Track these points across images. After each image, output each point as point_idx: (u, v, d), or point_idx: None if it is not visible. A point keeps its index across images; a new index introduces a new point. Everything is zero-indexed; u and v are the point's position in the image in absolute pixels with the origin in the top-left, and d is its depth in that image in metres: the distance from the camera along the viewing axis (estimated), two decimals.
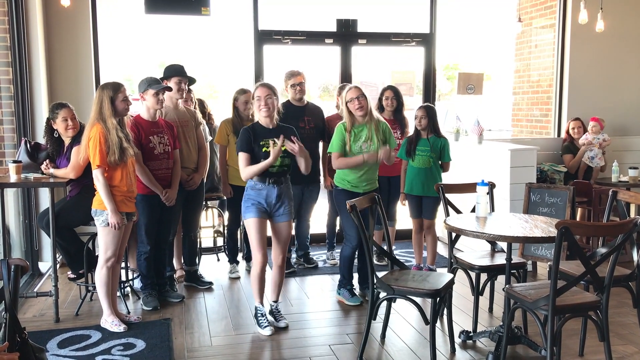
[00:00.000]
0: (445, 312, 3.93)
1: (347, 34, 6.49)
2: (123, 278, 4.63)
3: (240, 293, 4.97)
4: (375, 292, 3.57)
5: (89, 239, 4.46)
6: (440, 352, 3.74)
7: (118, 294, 4.44)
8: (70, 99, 4.88)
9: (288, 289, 5.05)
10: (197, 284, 5.07)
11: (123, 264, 4.57)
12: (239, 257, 5.62)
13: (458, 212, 4.30)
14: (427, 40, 6.64)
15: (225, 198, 5.42)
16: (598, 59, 6.73)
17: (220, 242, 6.00)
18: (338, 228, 6.16)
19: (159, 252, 4.61)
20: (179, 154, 4.58)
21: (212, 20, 6.13)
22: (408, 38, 6.60)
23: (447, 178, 5.21)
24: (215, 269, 5.63)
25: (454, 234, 4.05)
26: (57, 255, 4.34)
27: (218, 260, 5.90)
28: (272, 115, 4.05)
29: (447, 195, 4.32)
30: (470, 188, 4.20)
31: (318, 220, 6.05)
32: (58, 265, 4.57)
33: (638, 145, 6.71)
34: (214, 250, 6.04)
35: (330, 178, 5.20)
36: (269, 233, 4.13)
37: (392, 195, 5.46)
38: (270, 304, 4.26)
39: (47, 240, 5.18)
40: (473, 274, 4.02)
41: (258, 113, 4.07)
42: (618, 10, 6.59)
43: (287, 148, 3.95)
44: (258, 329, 4.07)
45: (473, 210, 4.04)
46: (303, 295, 4.90)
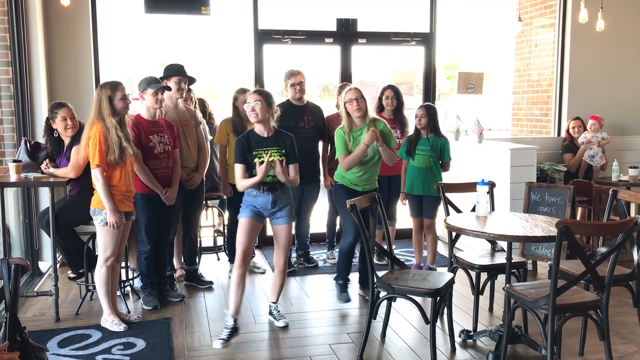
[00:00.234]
0: (446, 311, 3.93)
1: (347, 34, 6.49)
2: (123, 277, 4.64)
3: None
4: (376, 291, 3.57)
5: (89, 239, 4.46)
6: (441, 351, 3.74)
7: (118, 294, 4.43)
8: (70, 99, 4.88)
9: (288, 289, 5.04)
10: (197, 284, 5.08)
11: (123, 264, 4.57)
12: None
13: (458, 211, 4.30)
14: (427, 40, 6.64)
15: (225, 197, 5.42)
16: (598, 58, 6.73)
17: (221, 241, 6.00)
18: (338, 227, 6.17)
19: (159, 251, 4.61)
20: (179, 154, 4.58)
21: (212, 20, 6.13)
22: (408, 37, 6.60)
23: (447, 177, 5.20)
24: (216, 269, 5.63)
25: (454, 233, 4.05)
26: (57, 255, 4.34)
27: (218, 260, 5.91)
28: (262, 122, 3.94)
29: (447, 195, 4.32)
30: (471, 187, 4.21)
31: (318, 220, 6.05)
32: (58, 265, 4.56)
33: (638, 145, 6.71)
34: (214, 250, 6.04)
35: (330, 177, 5.21)
36: (270, 232, 4.11)
37: (392, 195, 5.46)
38: (270, 305, 4.26)
39: (47, 240, 5.18)
40: (473, 273, 4.02)
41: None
42: (618, 10, 6.59)
43: (274, 170, 3.88)
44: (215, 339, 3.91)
45: (473, 210, 4.04)
46: (303, 295, 4.90)
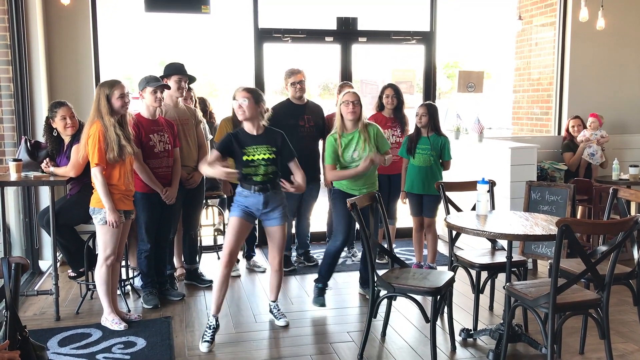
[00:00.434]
0: (446, 310, 3.93)
1: (347, 32, 6.48)
2: (123, 276, 4.64)
3: (241, 291, 4.97)
4: (376, 290, 3.58)
5: (89, 237, 4.46)
6: (441, 350, 3.74)
7: (118, 292, 4.43)
8: (70, 98, 4.88)
9: (288, 287, 5.05)
10: (197, 282, 5.08)
11: (123, 262, 4.58)
12: (240, 255, 5.62)
13: (458, 210, 4.30)
14: (427, 39, 6.63)
15: (226, 196, 5.42)
16: (599, 57, 6.73)
17: (221, 240, 5.98)
18: None
19: (160, 250, 4.61)
20: (179, 152, 4.58)
21: (212, 19, 6.13)
22: (408, 36, 6.60)
23: (447, 176, 5.20)
24: (216, 268, 5.60)
25: (455, 232, 4.05)
26: (57, 254, 4.34)
27: (218, 259, 5.88)
28: (251, 120, 3.87)
29: (447, 194, 4.32)
30: (471, 186, 4.21)
31: (318, 219, 6.05)
32: (58, 264, 4.56)
33: (638, 143, 6.70)
34: (215, 249, 6.04)
35: None
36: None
37: (392, 194, 5.46)
38: (269, 304, 4.26)
39: (47, 239, 5.18)
40: (473, 272, 4.02)
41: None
42: (618, 8, 6.59)
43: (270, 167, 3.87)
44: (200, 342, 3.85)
45: (473, 209, 4.04)
46: (303, 294, 4.90)
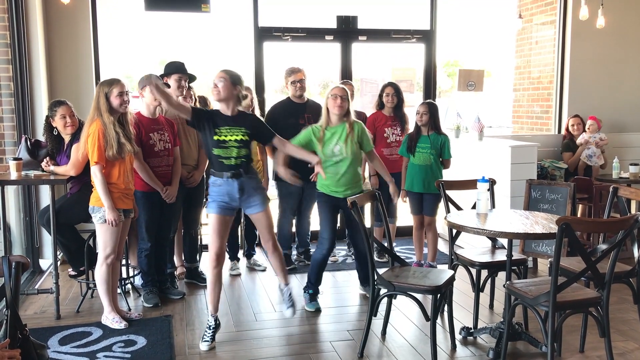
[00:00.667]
0: (446, 308, 3.93)
1: (347, 31, 6.48)
2: (124, 275, 4.64)
3: (241, 290, 4.97)
4: (376, 288, 3.58)
5: (90, 236, 4.46)
6: (441, 348, 3.74)
7: (119, 291, 4.43)
8: (70, 97, 4.88)
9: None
10: (197, 281, 5.08)
11: (124, 261, 4.58)
12: (240, 254, 5.62)
13: (459, 208, 4.30)
14: (427, 37, 6.63)
15: None
16: (599, 56, 6.73)
17: None
18: (339, 225, 6.17)
19: (160, 249, 4.61)
20: (179, 151, 4.58)
21: (212, 17, 6.12)
22: (408, 35, 6.60)
23: (447, 175, 5.20)
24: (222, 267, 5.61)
25: (455, 231, 4.05)
26: (57, 253, 4.34)
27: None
28: (225, 101, 3.78)
29: (447, 192, 4.32)
30: (471, 185, 4.21)
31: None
32: (59, 263, 4.56)
33: (639, 142, 6.70)
34: None
35: None
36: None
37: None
38: (281, 289, 4.19)
39: (47, 238, 5.18)
40: (474, 271, 4.02)
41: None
42: (618, 7, 6.59)
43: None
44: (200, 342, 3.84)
45: (474, 207, 4.04)
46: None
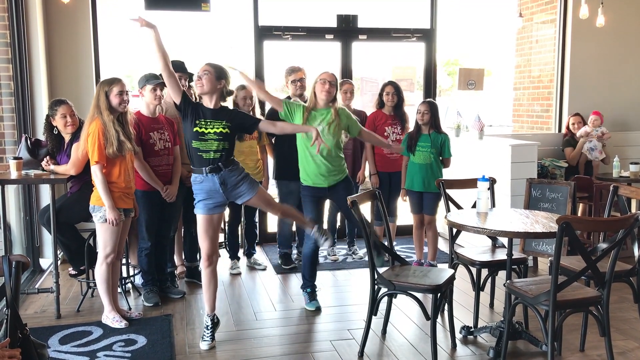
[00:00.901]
0: (446, 307, 3.93)
1: (347, 30, 6.48)
2: (124, 274, 4.64)
3: (242, 289, 4.97)
4: (376, 287, 3.58)
5: (90, 236, 4.46)
6: (441, 347, 3.74)
7: (119, 290, 4.44)
8: (71, 96, 4.88)
9: (289, 285, 5.05)
10: (197, 280, 5.07)
11: (124, 260, 4.58)
12: (240, 253, 5.63)
13: (459, 207, 4.30)
14: (427, 36, 6.63)
15: None
16: (599, 54, 6.72)
17: (221, 238, 5.99)
18: (339, 224, 6.17)
19: (160, 248, 4.61)
20: (179, 151, 4.58)
21: (212, 16, 6.12)
22: (408, 33, 6.59)
23: (447, 174, 5.20)
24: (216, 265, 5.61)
25: (455, 230, 4.05)
26: (58, 252, 4.34)
27: (219, 257, 5.89)
28: (209, 94, 3.72)
29: (447, 191, 4.32)
30: (471, 184, 4.21)
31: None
32: (59, 262, 4.57)
33: (639, 141, 6.70)
34: None
35: None
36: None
37: (392, 191, 5.46)
38: (310, 235, 4.21)
39: (48, 237, 5.18)
40: (474, 270, 4.02)
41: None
42: (619, 6, 6.59)
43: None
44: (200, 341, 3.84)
45: (474, 206, 4.04)
46: None
